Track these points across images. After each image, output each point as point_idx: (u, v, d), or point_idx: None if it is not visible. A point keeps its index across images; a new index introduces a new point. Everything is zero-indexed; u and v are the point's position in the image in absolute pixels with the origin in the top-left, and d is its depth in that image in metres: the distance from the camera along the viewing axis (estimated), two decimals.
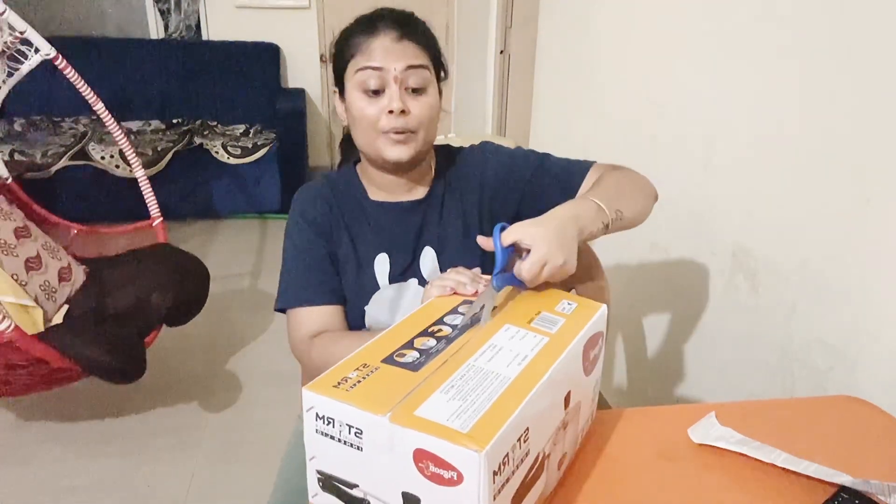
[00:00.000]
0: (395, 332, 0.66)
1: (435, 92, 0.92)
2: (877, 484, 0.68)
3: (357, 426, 0.53)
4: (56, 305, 1.93)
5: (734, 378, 1.37)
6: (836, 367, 1.08)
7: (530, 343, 0.65)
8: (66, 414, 2.01)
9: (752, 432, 0.79)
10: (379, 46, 0.87)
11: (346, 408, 0.54)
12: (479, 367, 0.60)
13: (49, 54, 1.94)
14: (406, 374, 0.58)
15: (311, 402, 0.55)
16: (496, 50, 2.98)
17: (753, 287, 1.28)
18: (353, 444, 0.54)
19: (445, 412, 0.53)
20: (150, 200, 2.19)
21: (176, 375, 2.24)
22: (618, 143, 1.82)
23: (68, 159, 3.23)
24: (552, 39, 2.38)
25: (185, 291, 1.93)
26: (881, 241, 0.99)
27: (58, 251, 2.05)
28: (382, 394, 0.55)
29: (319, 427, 0.56)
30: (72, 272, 2.03)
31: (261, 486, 1.26)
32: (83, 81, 2.03)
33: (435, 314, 0.71)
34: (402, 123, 0.88)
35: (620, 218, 0.86)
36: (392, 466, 0.53)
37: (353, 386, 0.56)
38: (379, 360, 0.60)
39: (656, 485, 0.72)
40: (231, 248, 3.34)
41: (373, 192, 1.00)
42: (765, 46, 1.23)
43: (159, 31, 4.09)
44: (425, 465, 0.51)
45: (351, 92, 0.90)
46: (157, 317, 1.85)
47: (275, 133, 3.63)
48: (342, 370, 0.58)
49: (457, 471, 0.50)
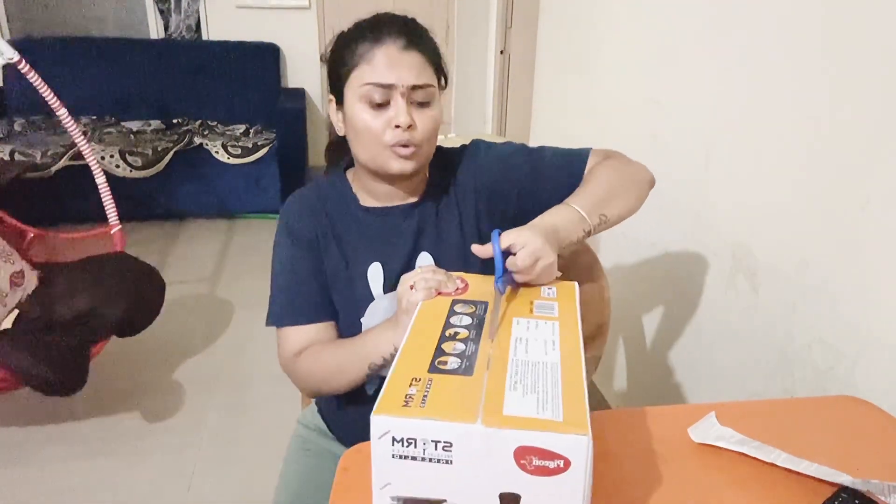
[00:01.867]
0: (415, 342, 0.65)
1: (439, 104, 0.90)
2: (877, 484, 0.68)
3: (445, 439, 0.52)
4: (6, 310, 1.89)
5: (734, 378, 1.37)
6: (836, 367, 1.08)
7: (547, 329, 0.68)
8: (66, 414, 2.01)
9: (752, 432, 0.79)
10: (384, 57, 0.84)
11: (431, 423, 0.52)
12: (523, 360, 0.62)
13: (12, 59, 1.92)
14: (463, 380, 0.58)
15: (384, 427, 0.53)
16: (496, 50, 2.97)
17: (753, 287, 1.28)
18: (440, 459, 0.53)
19: (529, 406, 0.54)
20: (109, 206, 2.13)
21: (176, 375, 2.24)
22: (618, 143, 1.82)
23: (68, 159, 3.23)
24: (552, 39, 2.38)
25: (136, 302, 1.89)
26: (881, 241, 0.99)
27: (11, 255, 2.00)
28: (456, 403, 0.55)
29: (397, 451, 0.53)
30: (24, 277, 1.99)
31: (260, 486, 1.26)
32: (46, 86, 2.00)
33: (439, 317, 0.71)
34: (407, 138, 0.86)
35: (604, 221, 0.88)
36: (488, 471, 0.53)
37: (422, 401, 0.54)
38: (426, 372, 0.59)
39: (656, 485, 0.72)
40: (230, 248, 3.34)
41: (364, 199, 0.97)
42: (765, 46, 1.23)
43: (159, 31, 4.09)
44: (528, 461, 0.52)
45: (353, 104, 0.87)
46: (105, 327, 1.81)
47: (275, 133, 3.63)
48: (398, 388, 0.56)
49: (564, 458, 0.52)
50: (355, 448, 0.77)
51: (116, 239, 2.17)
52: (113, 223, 2.17)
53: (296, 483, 1.03)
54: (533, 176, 0.98)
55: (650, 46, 1.66)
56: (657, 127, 1.62)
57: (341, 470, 0.73)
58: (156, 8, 4.05)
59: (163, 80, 3.81)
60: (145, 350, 2.28)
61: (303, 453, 1.07)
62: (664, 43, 1.59)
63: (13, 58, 1.93)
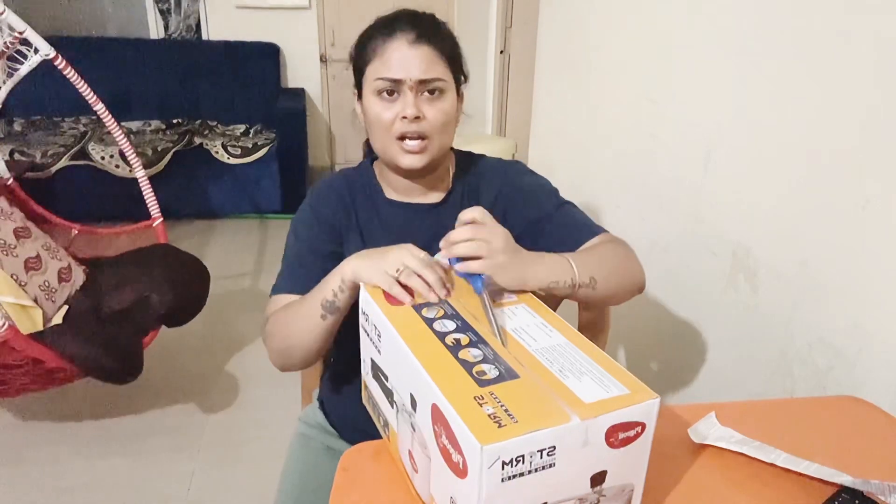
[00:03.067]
0: (424, 357, 0.62)
1: (452, 97, 0.91)
2: (877, 484, 0.68)
3: (549, 445, 0.53)
4: (55, 306, 1.93)
5: (734, 378, 1.37)
6: (836, 367, 1.08)
7: (522, 313, 0.71)
8: (66, 414, 2.01)
9: (752, 432, 0.79)
10: (395, 51, 0.87)
11: (537, 435, 0.53)
12: (542, 348, 0.65)
13: (49, 55, 1.94)
14: (517, 383, 0.59)
15: (495, 455, 0.51)
16: (496, 50, 2.97)
17: (753, 287, 1.28)
18: (546, 465, 0.54)
19: (595, 389, 0.58)
20: (151, 201, 2.18)
21: (176, 375, 2.24)
22: (618, 143, 1.82)
23: (68, 159, 3.23)
24: (552, 39, 2.38)
25: (184, 292, 1.92)
26: (881, 241, 0.99)
27: (58, 251, 2.05)
28: (536, 407, 0.55)
29: (507, 474, 0.53)
30: (72, 273, 2.03)
31: (260, 485, 1.26)
32: (83, 81, 2.03)
33: (420, 327, 0.67)
34: (415, 128, 0.87)
35: (593, 287, 0.84)
36: (582, 461, 0.56)
37: (511, 417, 0.54)
38: (478, 388, 0.58)
39: (656, 485, 0.72)
40: (231, 248, 3.34)
41: (389, 192, 0.99)
42: (765, 46, 1.23)
43: (159, 31, 4.09)
44: (615, 438, 0.56)
45: (368, 97, 0.90)
46: (155, 317, 1.84)
47: (275, 133, 3.62)
48: (472, 411, 0.54)
49: (641, 423, 0.57)
50: (355, 448, 0.77)
51: (159, 231, 2.21)
52: (155, 216, 2.21)
53: (298, 480, 1.03)
54: (546, 221, 0.96)
55: (650, 46, 1.66)
56: (657, 127, 1.62)
57: (341, 470, 0.73)
58: (156, 8, 4.04)
59: (163, 80, 3.80)
60: (145, 351, 2.27)
61: (304, 451, 1.07)
62: (664, 43, 1.59)
63: (49, 54, 1.94)
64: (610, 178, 1.88)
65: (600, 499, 0.59)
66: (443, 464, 0.57)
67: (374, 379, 0.76)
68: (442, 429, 0.56)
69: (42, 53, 1.94)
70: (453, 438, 0.54)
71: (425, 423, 0.60)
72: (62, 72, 1.96)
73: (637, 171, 1.71)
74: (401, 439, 0.69)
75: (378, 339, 0.71)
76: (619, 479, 0.59)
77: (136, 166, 2.16)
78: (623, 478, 0.60)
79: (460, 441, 0.53)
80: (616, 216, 1.87)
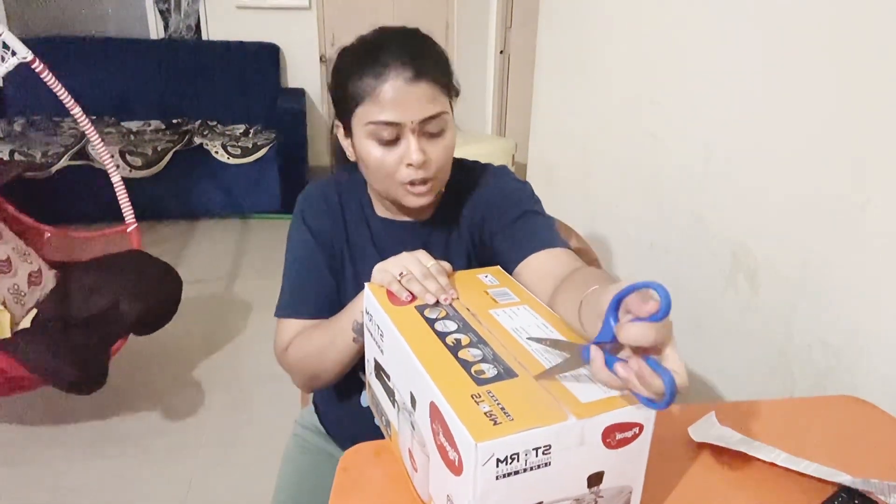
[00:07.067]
0: (425, 357, 0.62)
1: (452, 126, 0.85)
2: (877, 483, 0.68)
3: (545, 444, 0.53)
4: (24, 309, 1.90)
5: (734, 378, 1.37)
6: (836, 367, 1.08)
7: (523, 313, 0.71)
8: (65, 414, 2.01)
9: (752, 432, 0.79)
10: (391, 93, 0.79)
11: (532, 433, 0.52)
12: (541, 348, 0.64)
13: (26, 58, 1.92)
14: (515, 382, 0.59)
15: (489, 452, 0.51)
16: (496, 50, 2.98)
17: (753, 287, 1.28)
18: (541, 464, 0.54)
19: (592, 388, 0.57)
20: (125, 205, 2.13)
21: (175, 376, 2.24)
22: (618, 143, 1.82)
23: (68, 159, 3.23)
24: (552, 39, 2.38)
25: (154, 300, 1.88)
26: (881, 241, 0.99)
27: (28, 254, 2.00)
28: (533, 406, 0.55)
29: (501, 471, 0.52)
30: (42, 276, 1.99)
31: (259, 486, 1.26)
32: (60, 85, 2.01)
33: (422, 327, 0.68)
34: (422, 174, 0.83)
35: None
36: (578, 461, 0.55)
37: (507, 415, 0.54)
38: (476, 386, 0.58)
39: (656, 484, 0.72)
40: (231, 248, 3.34)
41: (378, 208, 0.97)
42: (765, 46, 1.23)
43: (159, 31, 4.09)
44: (612, 438, 0.56)
45: (361, 139, 0.83)
46: (124, 325, 1.80)
47: (275, 133, 3.63)
48: (469, 409, 0.54)
49: (639, 424, 0.57)
50: (355, 448, 0.77)
51: (133, 237, 2.18)
52: (129, 221, 2.17)
53: (294, 483, 1.03)
54: (519, 218, 0.92)
55: (650, 46, 1.66)
56: (657, 127, 1.62)
57: (341, 470, 0.73)
58: (156, 8, 4.05)
59: (163, 80, 3.81)
60: (144, 351, 2.28)
61: (300, 453, 1.07)
62: (664, 43, 1.59)
63: (27, 57, 1.93)
64: (610, 178, 1.88)
65: (597, 500, 0.59)
66: (440, 462, 0.58)
67: (376, 378, 0.77)
68: (439, 426, 0.57)
69: (20, 56, 1.93)
70: (449, 436, 0.55)
71: (424, 422, 0.61)
72: (39, 75, 1.94)
73: (637, 171, 1.71)
74: (402, 438, 0.70)
75: (381, 339, 0.72)
76: (617, 480, 0.59)
77: (112, 171, 2.13)
78: (621, 479, 0.59)
79: (456, 438, 0.54)
80: (616, 216, 1.87)
